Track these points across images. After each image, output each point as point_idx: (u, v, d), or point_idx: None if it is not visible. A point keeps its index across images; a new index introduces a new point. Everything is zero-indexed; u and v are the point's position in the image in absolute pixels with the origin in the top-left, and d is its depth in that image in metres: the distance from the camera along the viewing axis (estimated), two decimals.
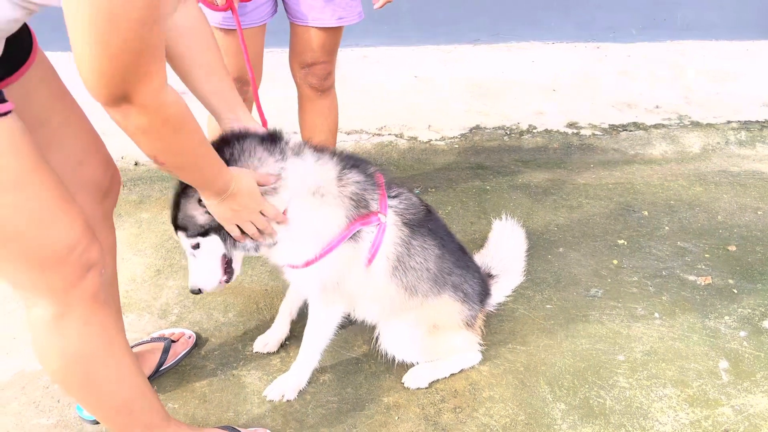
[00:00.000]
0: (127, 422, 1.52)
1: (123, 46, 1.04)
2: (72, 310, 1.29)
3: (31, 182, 1.16)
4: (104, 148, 1.59)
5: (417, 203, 1.83)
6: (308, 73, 2.37)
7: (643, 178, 3.07)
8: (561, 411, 1.90)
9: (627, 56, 4.17)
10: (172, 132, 1.23)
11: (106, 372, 1.40)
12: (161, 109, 1.17)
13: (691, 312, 2.26)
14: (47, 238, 1.21)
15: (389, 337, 1.96)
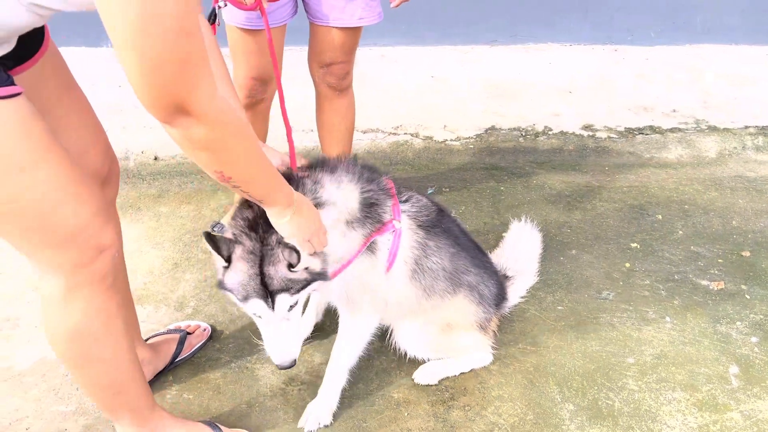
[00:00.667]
0: (113, 402, 1.58)
1: (163, 57, 1.04)
2: (79, 288, 1.35)
3: (42, 164, 1.20)
4: (105, 137, 1.63)
5: (428, 204, 1.85)
6: (327, 72, 2.40)
7: (658, 182, 3.06)
8: (569, 411, 1.91)
9: (645, 59, 4.16)
10: (233, 139, 1.22)
11: (101, 351, 1.45)
12: (219, 116, 1.17)
13: (702, 316, 2.26)
14: (58, 218, 1.25)
15: (403, 332, 1.98)
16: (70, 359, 1.46)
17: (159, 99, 1.09)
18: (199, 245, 2.60)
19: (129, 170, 3.10)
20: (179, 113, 1.12)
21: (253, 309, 1.48)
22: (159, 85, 1.07)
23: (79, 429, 1.86)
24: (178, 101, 1.10)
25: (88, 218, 1.31)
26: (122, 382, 1.54)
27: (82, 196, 1.30)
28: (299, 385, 2.00)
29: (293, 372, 2.04)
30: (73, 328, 1.40)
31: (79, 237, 1.30)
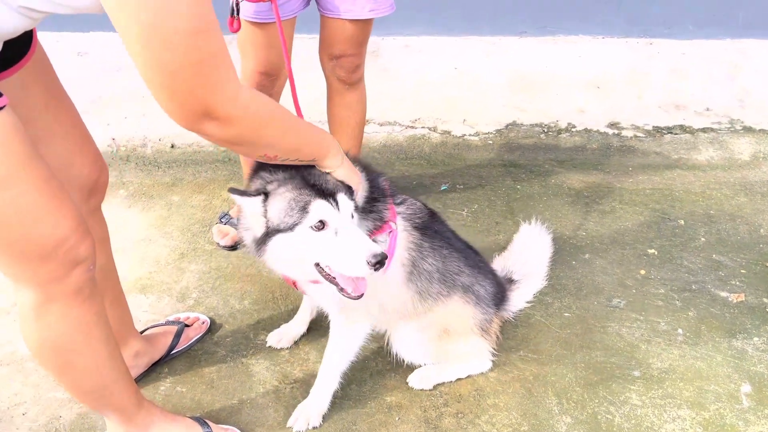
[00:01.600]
0: (98, 403, 1.58)
1: (180, 60, 1.01)
2: (53, 302, 1.32)
3: (21, 179, 1.17)
4: (93, 146, 1.61)
5: (422, 207, 1.82)
6: (337, 65, 2.35)
7: (684, 185, 2.93)
8: (566, 424, 1.85)
9: (681, 54, 3.97)
10: (266, 128, 1.23)
11: (80, 360, 1.44)
12: (246, 114, 1.16)
13: (717, 330, 2.16)
14: (35, 234, 1.22)
15: (399, 338, 1.94)
16: (49, 368, 1.45)
17: (183, 106, 1.08)
18: (206, 236, 2.61)
19: (146, 157, 3.13)
20: (205, 118, 1.10)
21: (317, 214, 1.40)
22: (181, 91, 1.05)
23: (73, 416, 1.88)
24: (202, 106, 1.08)
25: (67, 232, 1.28)
26: (105, 386, 1.53)
27: (62, 212, 1.27)
28: (292, 384, 1.98)
29: (287, 370, 2.02)
30: (49, 340, 1.38)
31: (56, 252, 1.27)
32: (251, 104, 1.17)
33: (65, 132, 1.49)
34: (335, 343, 1.81)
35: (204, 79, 1.06)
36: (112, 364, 1.53)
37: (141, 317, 2.22)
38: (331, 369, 1.84)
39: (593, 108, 3.41)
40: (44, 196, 1.22)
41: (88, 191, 1.60)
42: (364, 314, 1.75)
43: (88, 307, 1.39)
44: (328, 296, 1.69)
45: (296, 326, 2.11)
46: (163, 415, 1.72)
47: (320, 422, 1.84)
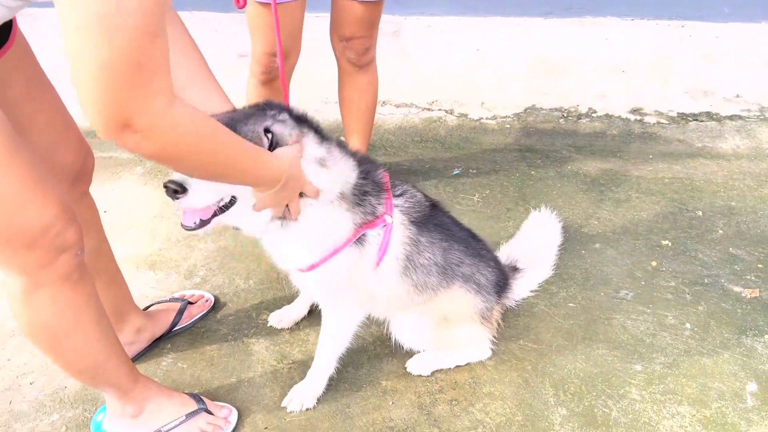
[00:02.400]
0: (93, 381, 1.61)
1: (120, 58, 0.94)
2: (41, 287, 1.34)
3: (3, 168, 1.17)
4: (77, 133, 1.61)
5: (422, 199, 1.78)
6: (347, 47, 2.34)
7: (706, 175, 2.84)
8: (561, 416, 1.83)
9: (714, 37, 3.84)
10: (193, 151, 1.13)
11: (71, 342, 1.46)
12: (171, 131, 1.06)
13: (727, 326, 2.10)
14: (19, 222, 1.23)
15: (398, 324, 1.93)
16: (42, 349, 1.48)
17: (107, 108, 0.98)
18: None
19: None
20: (125, 129, 1.01)
21: None
22: (110, 91, 0.96)
23: (77, 387, 1.94)
24: (126, 114, 0.99)
25: (50, 221, 1.28)
26: (97, 365, 1.56)
27: (46, 200, 1.27)
28: (290, 364, 2.00)
29: (286, 350, 2.04)
30: (40, 323, 1.40)
31: (43, 238, 1.28)
32: (181, 124, 1.07)
33: (48, 120, 1.49)
34: (327, 331, 1.82)
35: (138, 84, 0.98)
36: (105, 344, 1.55)
37: (148, 293, 2.27)
38: (325, 355, 1.85)
39: (616, 93, 3.32)
40: (28, 184, 1.22)
41: (73, 177, 1.61)
42: (352, 302, 1.75)
43: (77, 291, 1.41)
44: (312, 285, 1.71)
45: (297, 308, 2.13)
46: (160, 390, 1.76)
47: (314, 404, 1.86)
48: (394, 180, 1.75)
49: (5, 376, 1.99)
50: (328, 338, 1.82)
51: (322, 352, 1.85)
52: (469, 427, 1.81)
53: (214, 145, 1.17)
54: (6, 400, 1.91)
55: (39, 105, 1.46)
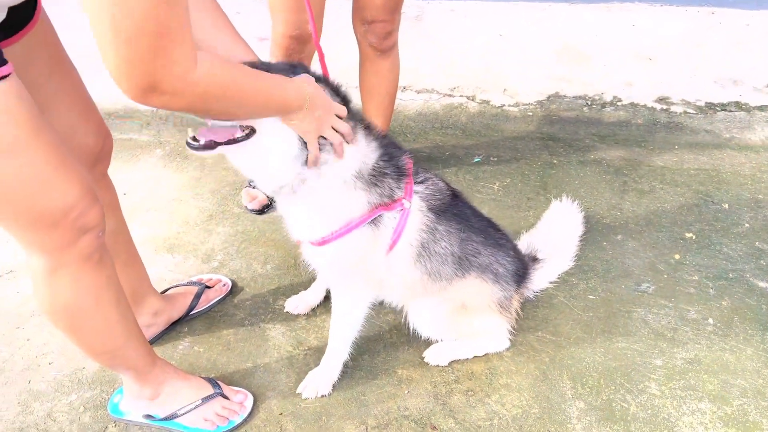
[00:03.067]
0: (112, 363, 1.62)
1: (138, 29, 0.99)
2: (63, 267, 1.34)
3: (28, 148, 1.17)
4: (97, 114, 1.61)
5: (443, 188, 1.75)
6: (368, 30, 2.30)
7: (733, 167, 2.78)
8: (578, 410, 1.81)
9: (746, 25, 3.73)
10: (219, 101, 1.19)
11: (91, 323, 1.47)
12: (195, 90, 1.13)
13: (752, 322, 2.06)
14: (42, 202, 1.23)
15: (416, 313, 1.92)
16: (62, 329, 1.49)
17: (132, 76, 1.05)
18: (236, 199, 2.63)
19: (183, 118, 3.16)
20: (152, 93, 1.08)
21: None
22: (132, 60, 1.02)
23: (95, 368, 1.96)
24: (149, 81, 1.06)
25: (74, 201, 1.28)
26: (116, 347, 1.57)
27: (70, 179, 1.27)
28: (306, 350, 2.00)
29: (302, 336, 2.04)
30: (61, 303, 1.41)
31: (65, 219, 1.28)
32: (203, 81, 1.13)
33: (70, 100, 1.49)
34: (338, 314, 1.81)
35: (156, 52, 1.03)
36: (124, 326, 1.56)
37: (166, 276, 2.28)
38: (338, 338, 1.84)
39: (642, 81, 3.24)
40: (51, 164, 1.22)
41: (93, 159, 1.61)
42: (363, 284, 1.74)
43: (98, 272, 1.41)
44: (322, 261, 1.70)
45: (314, 294, 2.12)
46: (176, 374, 1.77)
47: (330, 391, 1.86)
48: (417, 167, 1.72)
49: (25, 355, 2.01)
50: (339, 320, 1.82)
51: (335, 335, 1.84)
52: (485, 418, 1.79)
53: (237, 90, 1.23)
54: (25, 380, 1.94)
55: (61, 84, 1.46)
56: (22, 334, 2.08)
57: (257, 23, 3.58)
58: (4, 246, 2.43)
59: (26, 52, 1.33)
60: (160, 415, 1.75)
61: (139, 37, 1.00)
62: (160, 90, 1.08)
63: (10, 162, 1.16)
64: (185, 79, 1.09)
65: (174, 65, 1.06)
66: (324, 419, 1.80)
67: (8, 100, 1.12)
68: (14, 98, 1.13)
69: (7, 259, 2.37)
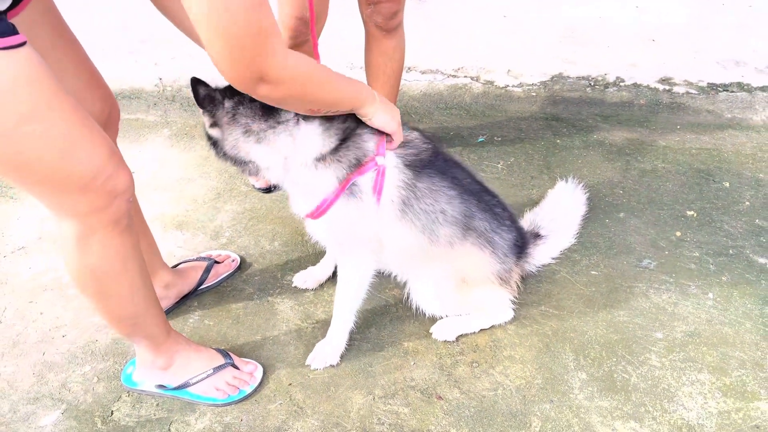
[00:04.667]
0: (130, 331, 1.67)
1: (243, 31, 1.16)
2: (94, 232, 1.38)
3: (52, 111, 1.20)
4: (103, 83, 1.64)
5: (419, 143, 1.75)
6: (374, 11, 2.32)
7: (735, 146, 2.80)
8: (581, 380, 1.85)
9: (749, 6, 3.74)
10: (311, 86, 1.37)
11: (117, 288, 1.51)
12: (294, 76, 1.31)
13: (750, 297, 2.10)
14: (70, 164, 1.26)
15: (418, 290, 1.95)
16: (88, 295, 1.53)
17: (245, 71, 1.22)
18: (242, 178, 2.66)
19: (190, 98, 3.17)
20: (260, 82, 1.26)
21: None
22: (243, 59, 1.20)
23: (108, 341, 2.00)
24: (258, 72, 1.23)
25: (102, 162, 1.31)
26: (138, 314, 1.62)
27: (95, 141, 1.30)
28: (314, 323, 2.04)
29: (310, 310, 2.08)
30: (90, 268, 1.45)
31: (94, 182, 1.31)
32: (297, 67, 1.31)
33: (75, 68, 1.53)
34: (342, 282, 1.85)
35: (261, 48, 1.20)
36: (145, 294, 1.61)
37: (176, 252, 2.32)
38: (343, 308, 1.88)
39: (645, 62, 3.26)
40: (76, 126, 1.25)
41: (102, 126, 1.64)
42: (364, 250, 1.77)
43: (125, 238, 1.46)
44: (319, 232, 1.76)
45: (322, 269, 2.16)
46: (189, 345, 1.82)
47: (338, 361, 1.90)
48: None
49: (39, 328, 2.06)
50: (344, 288, 1.86)
51: (339, 303, 1.88)
52: (489, 389, 1.84)
53: (320, 76, 1.40)
54: (39, 352, 1.98)
55: (65, 54, 1.49)
56: (36, 308, 2.12)
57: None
58: (16, 223, 2.47)
59: (29, 23, 1.36)
60: (172, 384, 1.79)
61: (247, 38, 1.17)
62: (267, 79, 1.26)
63: (36, 126, 1.18)
64: (284, 66, 1.27)
65: (275, 56, 1.24)
66: (332, 389, 1.85)
67: (30, 64, 1.15)
68: (35, 63, 1.16)
69: (18, 235, 2.41)
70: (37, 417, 1.80)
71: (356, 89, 1.53)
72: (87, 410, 1.81)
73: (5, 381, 1.90)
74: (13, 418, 1.80)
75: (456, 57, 3.32)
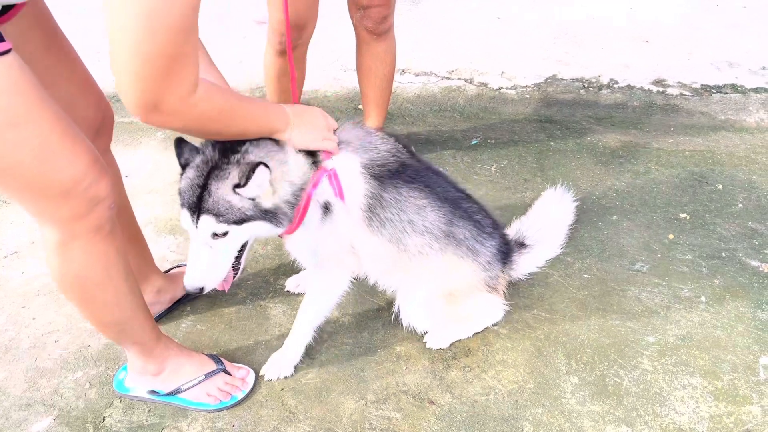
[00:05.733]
0: (116, 336, 1.67)
1: (158, 51, 1.09)
2: (75, 239, 1.38)
3: (33, 119, 1.20)
4: (97, 88, 1.64)
5: (387, 155, 1.70)
6: (364, 15, 2.32)
7: (728, 148, 2.81)
8: (573, 385, 1.86)
9: (743, 7, 3.75)
10: (211, 123, 1.32)
11: (101, 294, 1.51)
12: (192, 111, 1.24)
13: (743, 300, 2.10)
14: (51, 172, 1.26)
15: (408, 310, 1.92)
16: (72, 300, 1.53)
17: (142, 93, 1.15)
18: None
19: None
20: (154, 111, 1.19)
21: (182, 219, 1.51)
22: (145, 78, 1.13)
23: (100, 347, 2.00)
24: (155, 99, 1.17)
25: (83, 171, 1.31)
26: (125, 320, 1.61)
27: (76, 149, 1.29)
28: None
29: None
30: (73, 274, 1.44)
31: (75, 190, 1.31)
32: (200, 104, 1.24)
33: (68, 74, 1.52)
34: (311, 296, 1.85)
35: (170, 73, 1.14)
36: (132, 299, 1.61)
37: (168, 257, 2.31)
38: (305, 321, 1.87)
39: (639, 63, 3.26)
40: (57, 134, 1.25)
41: (94, 132, 1.64)
42: (340, 268, 1.76)
43: (108, 244, 1.45)
44: (300, 252, 1.74)
45: None
46: (180, 350, 1.81)
47: (292, 372, 1.89)
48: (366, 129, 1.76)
49: (31, 334, 2.05)
50: (312, 300, 1.85)
51: (303, 316, 1.86)
52: (481, 393, 1.84)
53: (230, 114, 1.36)
54: (31, 357, 1.98)
55: (58, 59, 1.49)
56: (28, 313, 2.12)
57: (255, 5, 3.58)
58: (9, 227, 2.47)
59: (21, 29, 1.35)
60: (164, 390, 1.79)
61: (157, 59, 1.10)
62: (161, 109, 1.19)
63: (17, 133, 1.19)
64: (186, 100, 1.21)
65: (178, 87, 1.17)
66: (324, 394, 1.85)
67: (11, 73, 1.15)
68: (17, 71, 1.16)
69: (11, 240, 2.41)
70: (29, 423, 1.80)
71: (268, 117, 1.47)
72: (79, 416, 1.81)
73: None
74: (5, 424, 1.80)
75: (450, 59, 3.32)
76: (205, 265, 1.54)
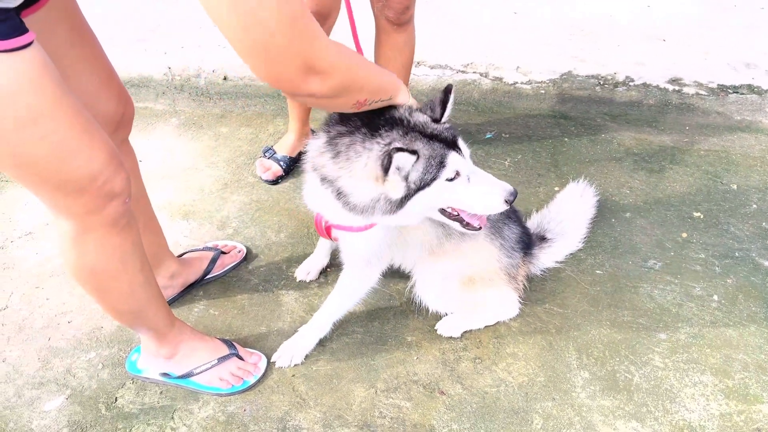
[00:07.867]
0: (131, 322, 1.67)
1: (277, 16, 1.03)
2: (90, 232, 1.37)
3: (52, 116, 1.18)
4: (118, 81, 1.63)
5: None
6: (385, 5, 2.31)
7: (743, 148, 2.79)
8: (583, 379, 1.86)
9: (760, 8, 3.71)
10: (356, 71, 1.26)
11: (116, 285, 1.51)
12: (341, 61, 1.19)
13: (755, 300, 2.09)
14: (68, 169, 1.25)
15: (424, 289, 1.95)
16: (88, 290, 1.53)
17: (288, 67, 1.10)
18: (250, 169, 2.67)
19: (199, 88, 3.18)
20: (309, 74, 1.13)
21: (453, 166, 1.46)
22: (282, 48, 1.07)
23: (113, 328, 2.01)
24: (304, 61, 1.10)
25: (100, 166, 1.30)
26: (140, 308, 1.62)
27: (95, 145, 1.28)
28: None
29: (314, 302, 2.09)
30: (88, 266, 1.44)
31: (90, 186, 1.30)
32: (340, 51, 1.19)
33: (91, 68, 1.51)
34: (340, 289, 1.86)
35: (301, 33, 1.07)
36: (146, 289, 1.61)
37: (182, 241, 2.32)
38: (327, 315, 1.90)
39: (655, 62, 3.24)
40: (76, 131, 1.23)
41: (115, 125, 1.64)
42: (375, 268, 1.79)
43: (124, 237, 1.45)
44: (355, 249, 1.74)
45: (320, 258, 2.17)
46: (193, 335, 1.82)
47: (302, 360, 1.90)
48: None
49: (44, 314, 2.07)
50: (339, 294, 1.86)
51: (327, 307, 1.89)
52: (492, 385, 1.84)
53: (360, 60, 1.30)
54: (45, 337, 1.99)
55: (82, 52, 1.48)
56: (42, 293, 2.14)
57: None
58: (23, 208, 2.48)
59: (47, 21, 1.34)
60: (176, 373, 1.80)
61: (282, 24, 1.05)
62: (317, 68, 1.13)
63: (35, 130, 1.16)
64: (330, 51, 1.15)
65: (318, 41, 1.11)
66: (335, 381, 1.85)
67: (32, 68, 1.12)
68: (38, 66, 1.13)
69: (26, 221, 2.42)
70: (41, 402, 1.81)
71: (388, 73, 1.43)
72: (91, 396, 1.82)
73: (11, 365, 1.91)
74: (17, 402, 1.81)
75: (465, 52, 3.31)
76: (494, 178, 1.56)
